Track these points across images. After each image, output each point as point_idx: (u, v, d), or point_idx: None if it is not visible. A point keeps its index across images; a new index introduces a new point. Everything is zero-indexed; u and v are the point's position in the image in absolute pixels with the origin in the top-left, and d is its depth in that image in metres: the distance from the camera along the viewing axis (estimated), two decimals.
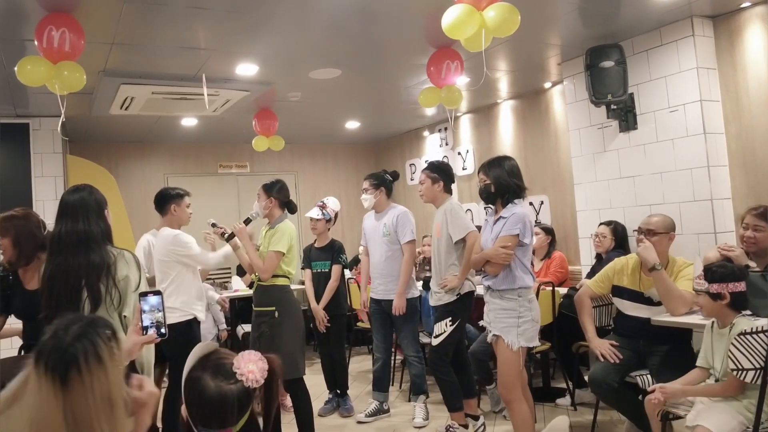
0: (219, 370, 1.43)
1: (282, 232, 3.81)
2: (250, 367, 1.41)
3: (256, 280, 3.92)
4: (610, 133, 4.91)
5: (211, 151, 8.23)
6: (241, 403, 1.41)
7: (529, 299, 3.33)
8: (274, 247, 3.76)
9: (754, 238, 3.34)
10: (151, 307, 2.08)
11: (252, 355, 1.45)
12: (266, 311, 3.77)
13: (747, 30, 4.25)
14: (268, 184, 3.99)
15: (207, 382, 1.41)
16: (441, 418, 4.24)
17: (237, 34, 4.10)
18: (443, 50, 4.56)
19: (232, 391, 1.40)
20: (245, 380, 1.40)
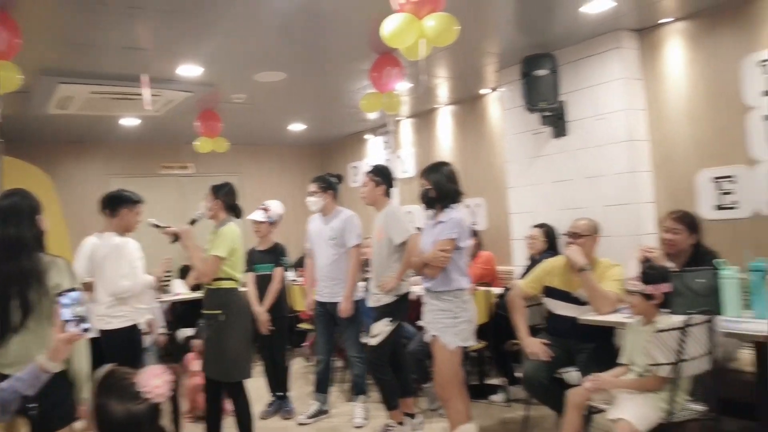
0: (124, 392, 1.36)
1: (223, 236, 3.70)
2: (155, 382, 1.36)
3: (205, 284, 3.82)
4: (543, 139, 5.03)
5: (154, 152, 8.00)
6: (151, 420, 1.37)
7: (465, 300, 3.37)
8: (214, 251, 3.66)
9: (672, 241, 3.48)
10: (72, 300, 1.94)
11: (155, 369, 1.40)
12: (212, 314, 3.68)
13: (668, 43, 4.43)
14: (216, 186, 3.90)
15: (114, 408, 1.35)
16: (380, 417, 4.24)
17: (180, 35, 4.01)
18: (385, 57, 4.57)
19: (141, 411, 1.35)
20: (152, 397, 1.35)
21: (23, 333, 2.33)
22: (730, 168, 4.09)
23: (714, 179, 4.18)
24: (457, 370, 3.38)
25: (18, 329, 2.32)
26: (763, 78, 3.90)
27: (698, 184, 4.26)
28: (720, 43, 4.14)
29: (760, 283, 3.04)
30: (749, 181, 3.99)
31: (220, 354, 3.62)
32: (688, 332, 2.71)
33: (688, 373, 2.78)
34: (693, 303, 3.03)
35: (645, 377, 2.82)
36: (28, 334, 2.33)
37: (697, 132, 4.28)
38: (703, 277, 3.18)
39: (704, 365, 2.83)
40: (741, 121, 4.02)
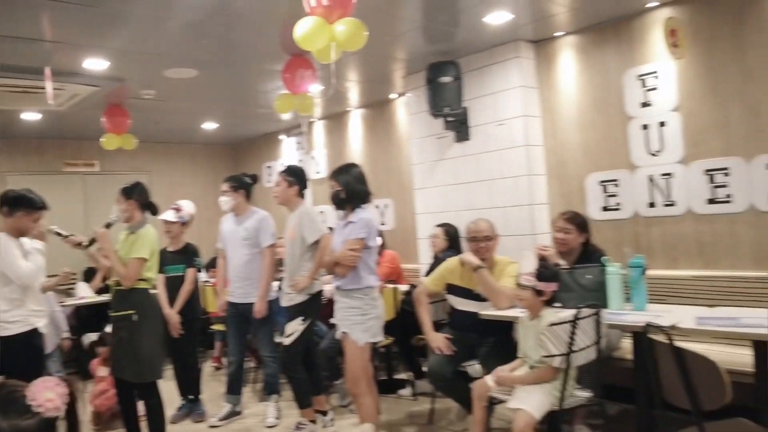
0: (10, 406, 1.20)
1: (144, 237, 3.59)
2: (48, 395, 1.20)
3: (114, 286, 3.62)
4: (447, 143, 5.13)
5: (56, 148, 7.45)
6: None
7: (374, 297, 3.38)
8: (137, 254, 3.54)
9: (564, 240, 3.64)
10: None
11: (47, 381, 1.23)
12: (125, 315, 3.53)
13: (561, 55, 4.63)
14: (127, 187, 3.72)
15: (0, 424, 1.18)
16: (293, 416, 4.17)
17: (87, 27, 3.75)
18: (297, 58, 4.49)
19: (30, 427, 1.18)
20: (44, 411, 1.19)
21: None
22: (614, 173, 4.33)
23: (600, 183, 4.41)
24: (367, 366, 3.39)
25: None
26: (642, 91, 4.15)
27: (587, 187, 4.48)
28: (605, 56, 4.37)
29: (638, 279, 3.23)
30: (630, 184, 4.24)
31: (132, 355, 3.49)
32: (578, 325, 2.83)
33: (578, 363, 2.90)
34: (582, 297, 3.18)
35: (539, 369, 2.92)
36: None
37: (586, 139, 4.50)
38: (591, 273, 3.35)
39: (591, 355, 2.97)
40: (624, 130, 4.27)
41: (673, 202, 4.02)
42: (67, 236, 3.60)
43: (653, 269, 3.69)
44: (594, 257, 3.59)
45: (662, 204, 4.08)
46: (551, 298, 3.00)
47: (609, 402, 3.35)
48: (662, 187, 4.07)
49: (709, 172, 3.86)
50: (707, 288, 3.75)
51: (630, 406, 3.79)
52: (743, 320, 2.73)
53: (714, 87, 3.84)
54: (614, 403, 3.92)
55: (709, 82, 3.86)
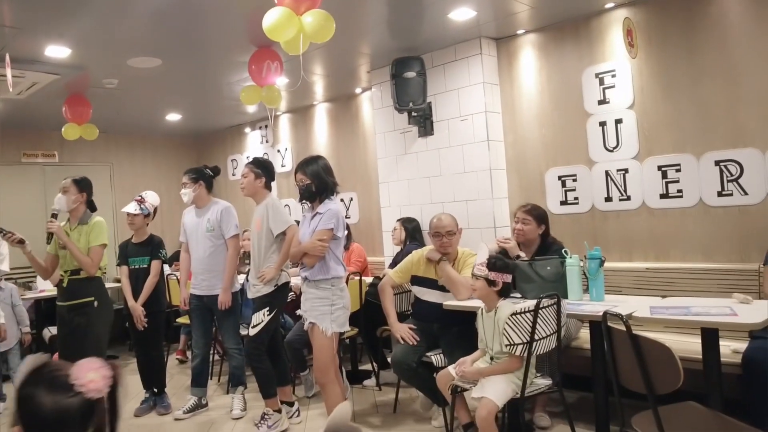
0: (54, 383, 1.15)
1: (100, 226, 3.69)
2: (91, 376, 1.15)
3: (68, 276, 3.54)
4: (411, 138, 5.11)
5: (14, 138, 7.12)
6: (83, 417, 1.15)
7: (341, 288, 3.34)
8: (97, 242, 3.66)
9: (522, 230, 3.68)
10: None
11: (92, 363, 1.18)
12: (84, 303, 3.58)
13: (522, 53, 4.65)
14: (80, 180, 3.74)
15: (42, 399, 1.12)
16: (259, 408, 4.09)
17: (47, 12, 3.57)
18: (264, 50, 4.40)
19: (72, 406, 1.13)
20: (86, 392, 1.14)
21: None
22: (572, 168, 4.38)
23: (559, 177, 4.45)
24: (334, 356, 3.34)
25: None
26: (600, 89, 4.21)
27: (546, 182, 4.53)
28: (565, 55, 4.40)
29: (597, 270, 3.27)
30: (588, 179, 4.30)
31: (93, 340, 3.55)
32: (539, 314, 2.85)
33: (540, 351, 2.92)
34: (542, 288, 3.21)
35: (505, 361, 2.92)
36: None
37: (545, 135, 4.54)
38: (551, 265, 3.38)
39: (552, 344, 2.99)
40: (582, 127, 4.32)
41: (629, 197, 4.10)
42: (7, 233, 3.51)
43: (609, 261, 3.74)
44: (552, 249, 3.63)
45: (618, 198, 4.15)
46: (506, 288, 3.01)
47: (568, 390, 3.39)
48: (618, 182, 4.14)
49: (661, 168, 3.94)
50: (660, 279, 3.83)
51: (587, 393, 3.87)
52: (693, 309, 2.80)
53: (667, 86, 3.91)
54: (573, 391, 3.98)
55: (662, 82, 3.93)
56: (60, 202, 3.65)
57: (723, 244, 3.72)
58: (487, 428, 2.78)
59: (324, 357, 3.27)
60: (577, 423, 3.26)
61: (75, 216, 3.72)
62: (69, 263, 3.63)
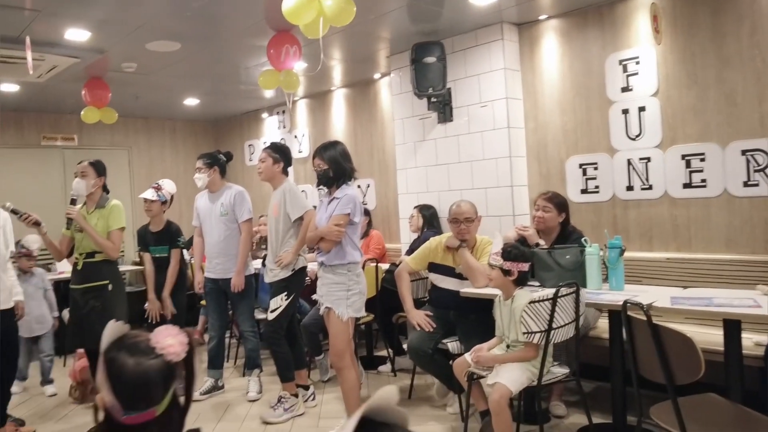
0: (135, 347, 1.22)
1: (118, 209, 3.72)
2: (170, 341, 1.22)
3: (83, 259, 3.58)
4: (430, 124, 5.09)
5: (34, 121, 7.23)
6: (165, 378, 1.21)
7: (357, 273, 3.36)
8: (116, 225, 3.69)
9: (543, 218, 3.67)
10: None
11: (169, 329, 1.25)
12: (99, 285, 3.61)
13: (544, 38, 4.61)
14: (98, 163, 3.75)
15: (125, 360, 1.19)
16: (274, 390, 4.16)
17: None
18: (283, 34, 4.40)
19: (153, 366, 1.20)
20: (166, 354, 1.21)
21: None
22: (593, 156, 4.35)
23: (580, 165, 4.42)
24: (350, 341, 3.38)
25: None
26: (623, 76, 4.16)
27: (567, 170, 4.50)
28: (588, 41, 4.36)
29: (617, 260, 3.26)
30: (609, 168, 4.26)
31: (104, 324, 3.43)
32: (558, 303, 2.85)
33: (557, 340, 2.93)
34: (561, 277, 3.21)
35: (522, 349, 2.94)
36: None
37: (567, 122, 4.50)
38: (570, 253, 3.37)
39: (570, 333, 3.00)
40: (604, 114, 4.27)
41: (651, 186, 4.06)
42: (23, 215, 3.51)
43: (629, 251, 3.72)
44: (572, 237, 3.62)
45: (640, 187, 4.11)
46: (522, 277, 3.01)
47: (585, 379, 3.39)
48: (640, 171, 4.10)
49: (685, 157, 3.89)
50: (681, 270, 3.80)
51: (604, 383, 3.87)
52: (715, 300, 2.78)
53: (692, 73, 3.86)
54: (590, 381, 3.98)
55: (687, 69, 3.88)
56: (79, 187, 3.65)
57: (747, 235, 3.68)
58: (500, 412, 2.80)
59: (340, 342, 3.30)
60: (594, 413, 3.27)
61: (92, 200, 3.72)
62: (85, 246, 3.65)
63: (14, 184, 6.57)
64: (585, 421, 3.15)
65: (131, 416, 1.18)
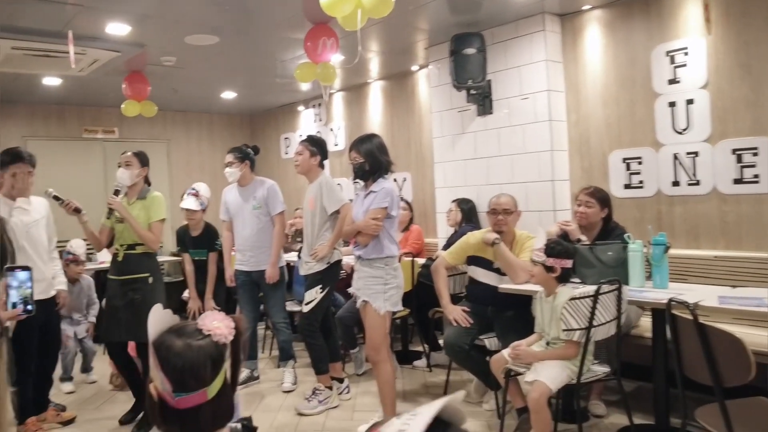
0: (182, 331, 1.26)
1: (159, 201, 3.72)
2: (216, 324, 1.26)
3: (123, 251, 3.66)
4: (469, 117, 5.07)
5: (76, 114, 7.48)
6: (213, 359, 1.24)
7: (395, 267, 3.38)
8: (157, 216, 3.68)
9: (585, 213, 3.62)
10: (20, 282, 1.99)
11: (215, 314, 1.29)
12: (139, 278, 3.62)
13: (587, 30, 4.53)
14: (141, 153, 3.77)
15: (173, 341, 1.24)
16: (308, 382, 4.22)
17: None
18: (320, 26, 4.44)
19: (201, 347, 1.23)
20: (213, 335, 1.25)
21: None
22: (638, 150, 4.26)
23: (624, 160, 4.35)
24: (386, 335, 3.40)
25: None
26: (670, 67, 4.07)
27: (610, 164, 4.42)
28: (633, 32, 4.27)
29: (661, 256, 3.21)
30: (654, 162, 4.18)
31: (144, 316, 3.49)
32: (599, 300, 2.82)
33: (598, 337, 2.90)
34: (602, 274, 3.17)
35: (562, 347, 2.91)
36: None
37: (610, 115, 4.43)
38: (612, 250, 3.32)
39: (611, 330, 2.96)
40: (649, 107, 4.19)
41: (698, 182, 3.96)
42: (64, 201, 3.56)
43: (674, 248, 3.64)
44: (614, 234, 3.57)
45: (686, 183, 4.02)
46: (565, 274, 2.98)
47: (625, 379, 3.35)
48: (687, 165, 4.01)
49: (736, 152, 3.79)
50: (730, 268, 3.71)
51: (646, 383, 3.82)
52: (767, 300, 2.71)
53: (745, 64, 3.74)
54: (630, 380, 3.93)
55: (739, 59, 3.77)
56: (123, 177, 3.66)
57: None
58: (539, 411, 2.79)
59: (376, 335, 3.33)
60: (635, 413, 3.22)
61: (134, 191, 3.72)
62: (126, 237, 3.65)
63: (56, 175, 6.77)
64: (625, 421, 3.11)
65: (183, 398, 1.21)
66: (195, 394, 1.22)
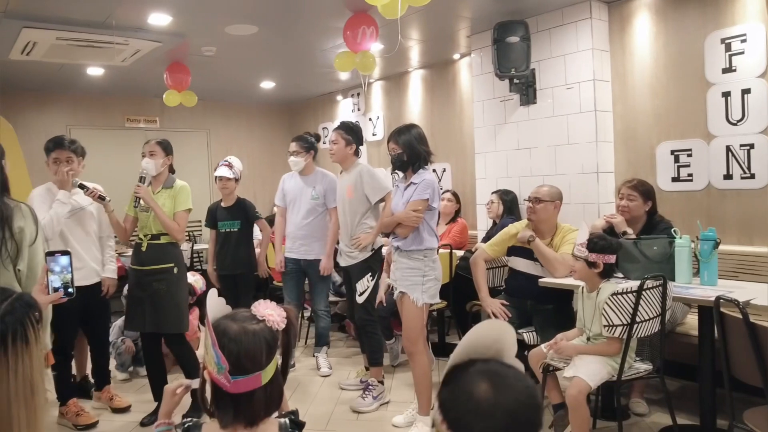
0: (237, 316, 1.35)
1: (186, 190, 3.75)
2: (269, 311, 1.35)
3: (147, 240, 3.70)
4: (511, 106, 5.05)
5: (118, 104, 7.74)
6: (268, 343, 1.33)
7: (434, 260, 3.42)
8: (183, 206, 3.70)
9: (628, 207, 3.59)
10: (61, 267, 2.05)
11: (268, 303, 1.38)
12: (164, 268, 3.64)
13: (636, 17, 4.46)
14: (165, 142, 3.82)
15: (229, 325, 1.32)
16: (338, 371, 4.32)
17: None
18: (360, 15, 4.49)
19: (256, 331, 1.32)
20: (267, 321, 1.34)
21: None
22: (687, 142, 4.19)
23: (672, 152, 4.27)
24: (423, 326, 3.45)
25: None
26: (726, 55, 3.97)
27: (657, 156, 4.36)
28: (685, 19, 4.18)
29: (709, 252, 3.16)
30: (705, 155, 4.10)
31: (173, 306, 3.62)
32: (643, 296, 2.80)
33: (641, 334, 2.88)
34: (647, 269, 3.14)
35: (604, 342, 2.91)
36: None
37: (659, 106, 4.35)
38: (657, 244, 3.29)
39: (655, 327, 2.94)
40: (701, 97, 4.10)
41: (753, 175, 3.87)
42: (89, 189, 3.64)
43: (725, 244, 3.57)
44: (659, 228, 3.53)
45: (740, 176, 3.93)
46: (608, 270, 2.97)
47: (669, 377, 3.32)
48: (741, 158, 3.92)
49: None
50: None
51: (691, 382, 3.77)
52: None
53: None
54: (674, 379, 3.88)
55: None
56: (149, 167, 3.69)
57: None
58: (577, 407, 2.79)
59: (414, 327, 3.38)
60: (679, 413, 3.19)
61: (159, 180, 3.75)
62: (150, 227, 3.66)
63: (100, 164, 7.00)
64: (668, 420, 3.09)
65: (239, 380, 1.28)
66: (251, 377, 1.29)
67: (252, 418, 1.32)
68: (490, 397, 0.82)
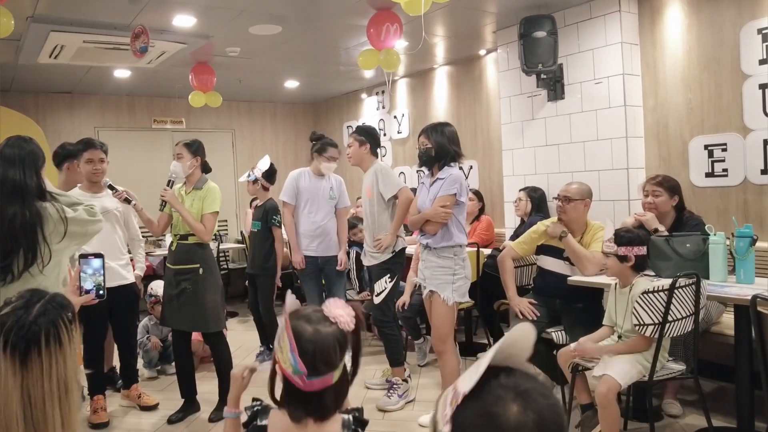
0: (311, 317, 1.41)
1: (214, 192, 3.80)
2: (339, 311, 1.41)
3: (176, 240, 3.79)
4: (539, 102, 5.03)
5: (145, 105, 7.89)
6: (340, 344, 1.39)
7: (463, 258, 3.44)
8: (211, 209, 3.75)
9: (654, 204, 3.55)
10: (93, 270, 2.12)
11: (337, 302, 1.44)
12: (190, 269, 3.72)
13: (667, 9, 4.41)
14: (192, 143, 3.85)
15: (304, 328, 1.38)
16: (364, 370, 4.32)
17: None
18: (383, 12, 4.52)
19: (329, 333, 1.38)
20: (339, 323, 1.40)
21: (23, 279, 2.36)
22: (722, 136, 4.12)
23: (705, 147, 4.21)
24: (453, 325, 3.46)
25: (19, 276, 2.36)
26: (763, 46, 3.90)
27: (690, 151, 4.30)
28: (720, 9, 4.12)
29: (746, 249, 3.11)
30: (740, 149, 4.03)
31: (197, 306, 3.71)
32: (675, 294, 2.78)
33: (673, 334, 2.86)
34: (679, 267, 3.11)
35: (632, 339, 2.89)
36: (29, 280, 2.36)
37: (692, 99, 4.30)
38: (690, 241, 3.25)
39: (688, 327, 2.91)
40: (736, 89, 4.04)
41: None
42: (117, 191, 3.74)
43: (762, 241, 3.53)
44: (690, 224, 3.49)
45: None
46: (640, 262, 2.94)
47: (704, 378, 3.27)
48: None
49: None
50: None
51: (727, 384, 3.71)
52: None
53: None
54: (709, 380, 3.83)
55: None
56: (176, 169, 3.76)
57: None
58: (607, 406, 2.78)
59: (443, 325, 3.40)
60: (714, 415, 3.15)
61: (191, 180, 3.82)
62: (180, 227, 3.77)
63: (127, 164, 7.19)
64: (703, 422, 3.05)
65: (313, 380, 1.36)
66: (324, 377, 1.36)
67: (323, 414, 1.40)
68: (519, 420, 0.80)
